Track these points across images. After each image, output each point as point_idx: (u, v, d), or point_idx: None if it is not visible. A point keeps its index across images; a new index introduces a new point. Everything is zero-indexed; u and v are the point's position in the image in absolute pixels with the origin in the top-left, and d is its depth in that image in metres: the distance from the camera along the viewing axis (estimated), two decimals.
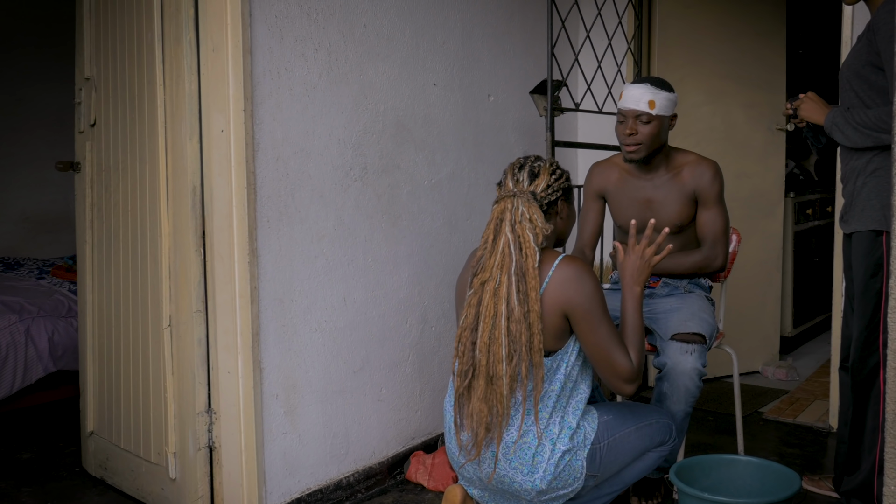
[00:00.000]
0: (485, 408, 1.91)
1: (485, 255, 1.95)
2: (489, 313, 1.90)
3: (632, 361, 1.98)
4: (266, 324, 2.36)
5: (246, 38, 2.24)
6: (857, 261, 2.27)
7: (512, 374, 1.89)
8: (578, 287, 1.92)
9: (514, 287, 1.88)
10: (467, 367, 1.94)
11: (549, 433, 1.97)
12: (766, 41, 4.01)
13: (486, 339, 1.90)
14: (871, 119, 2.14)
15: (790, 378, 4.02)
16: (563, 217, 2.06)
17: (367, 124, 2.66)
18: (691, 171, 2.55)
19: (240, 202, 2.27)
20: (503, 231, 1.92)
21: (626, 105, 2.50)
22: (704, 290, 2.68)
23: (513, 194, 1.95)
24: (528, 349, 1.88)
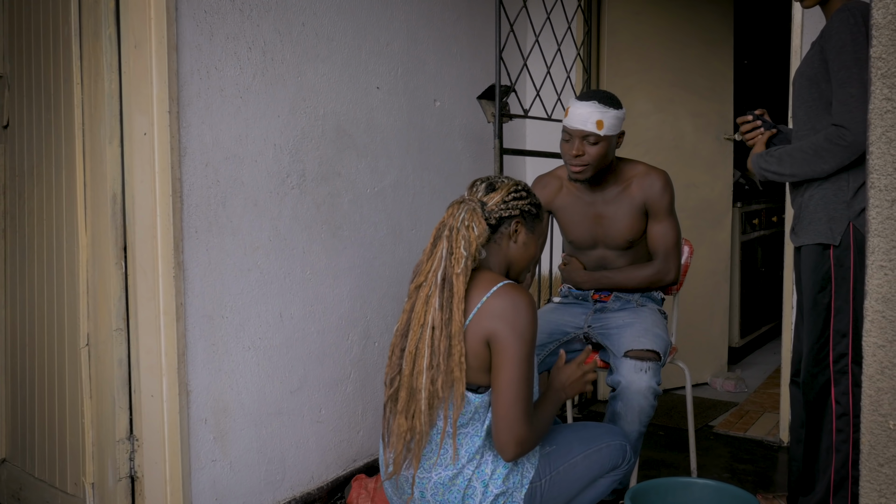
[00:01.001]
0: (404, 423, 1.76)
1: (423, 259, 1.83)
2: (419, 321, 1.77)
3: (532, 428, 1.76)
4: (193, 342, 2.19)
5: (171, 33, 2.07)
6: (806, 275, 2.21)
7: (431, 389, 1.73)
8: (510, 316, 1.73)
9: (439, 291, 1.75)
10: (394, 374, 1.81)
11: (480, 473, 1.78)
12: (713, 50, 3.99)
13: (412, 348, 1.76)
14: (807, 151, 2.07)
15: (738, 390, 3.99)
16: (517, 242, 1.88)
17: (305, 129, 2.50)
18: (640, 182, 2.46)
19: (164, 211, 2.10)
20: (442, 237, 1.80)
21: (573, 124, 2.36)
22: (657, 304, 2.59)
23: (461, 201, 1.84)
24: (445, 359, 1.72)
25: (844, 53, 1.99)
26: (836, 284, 2.11)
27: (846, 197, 2.09)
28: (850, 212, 2.08)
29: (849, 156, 1.99)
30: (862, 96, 1.94)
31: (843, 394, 2.13)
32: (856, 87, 1.95)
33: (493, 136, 2.87)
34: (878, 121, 1.24)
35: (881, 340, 1.26)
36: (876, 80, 1.24)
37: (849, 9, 2.03)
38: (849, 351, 2.11)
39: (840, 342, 2.12)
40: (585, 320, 2.53)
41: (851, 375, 2.12)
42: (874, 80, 1.24)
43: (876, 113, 1.24)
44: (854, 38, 1.98)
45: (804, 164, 2.08)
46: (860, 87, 1.95)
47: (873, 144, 1.25)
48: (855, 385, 2.12)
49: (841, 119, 1.97)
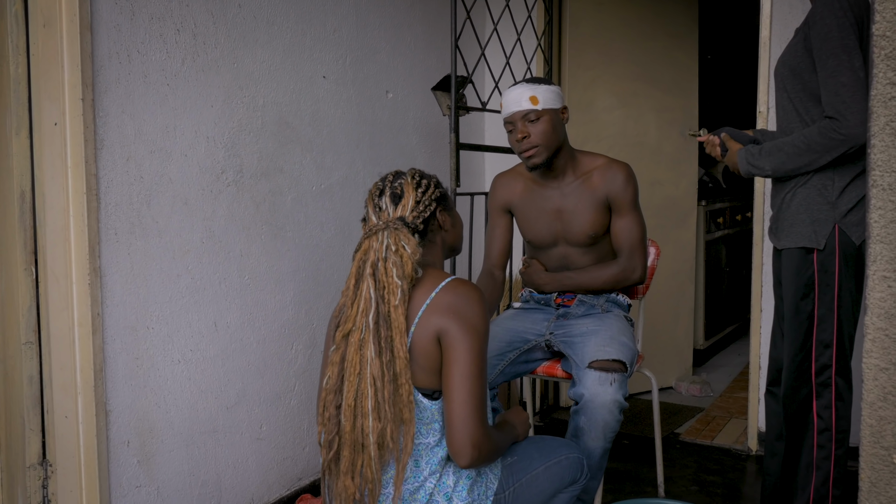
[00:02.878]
0: (350, 483, 1.59)
1: (346, 304, 1.63)
2: (354, 370, 1.59)
3: (488, 433, 1.60)
4: (113, 357, 1.96)
5: (85, 11, 1.84)
6: (788, 280, 2.06)
7: (380, 434, 1.56)
8: (460, 310, 1.59)
9: (374, 334, 1.57)
10: (332, 435, 1.61)
11: (442, 486, 1.64)
12: (678, 43, 3.85)
13: (350, 402, 1.58)
14: (799, 145, 1.94)
15: (704, 394, 3.86)
16: (447, 228, 1.74)
17: (242, 120, 2.29)
18: (602, 174, 2.30)
19: (78, 211, 1.87)
20: (364, 275, 1.61)
21: (509, 110, 2.26)
22: (623, 310, 2.43)
23: (377, 229, 1.63)
24: (392, 405, 1.56)
25: (831, 40, 1.85)
26: (819, 291, 1.97)
27: (831, 197, 1.95)
28: (836, 213, 1.94)
29: (844, 148, 1.86)
30: (854, 84, 1.80)
31: (826, 408, 1.99)
32: (846, 76, 1.82)
33: (449, 129, 2.68)
34: (882, 109, 1.08)
35: (884, 363, 1.10)
36: (879, 62, 1.08)
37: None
38: (832, 362, 1.97)
39: (823, 353, 1.98)
40: (547, 327, 2.36)
41: (835, 388, 1.98)
42: (877, 62, 1.08)
43: (879, 100, 1.08)
44: (840, 24, 1.84)
45: (796, 158, 1.94)
46: (851, 74, 1.81)
47: (875, 136, 1.09)
48: (838, 399, 1.99)
49: (834, 110, 1.83)
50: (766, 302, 3.07)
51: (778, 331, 2.24)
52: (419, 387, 1.59)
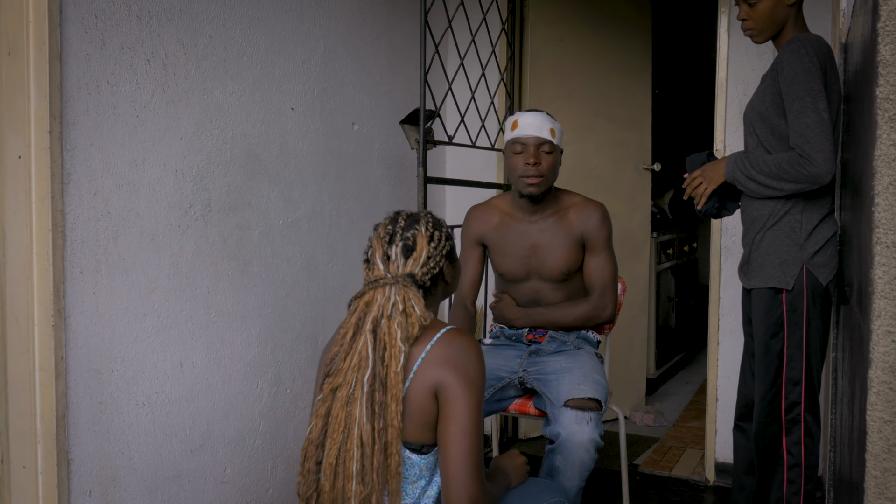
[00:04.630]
0: None
1: (339, 355, 1.55)
2: (338, 427, 1.51)
3: (485, 489, 1.53)
4: (76, 402, 1.87)
5: (54, 40, 1.77)
6: (757, 319, 2.11)
7: (364, 500, 1.49)
8: (459, 364, 1.52)
9: (367, 398, 1.49)
10: (311, 492, 1.54)
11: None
12: (633, 79, 3.93)
13: (331, 460, 1.51)
14: (771, 167, 1.99)
15: (658, 423, 3.91)
16: (448, 280, 1.68)
17: (211, 153, 2.23)
18: (578, 213, 2.32)
19: (42, 249, 1.78)
20: (363, 330, 1.53)
21: (528, 132, 2.26)
22: (593, 346, 2.45)
23: (384, 283, 1.55)
24: (381, 473, 1.49)
25: (797, 84, 1.92)
26: (788, 330, 2.01)
27: (799, 239, 2.01)
28: (804, 254, 2.00)
29: (807, 186, 1.92)
30: (817, 125, 1.88)
31: (795, 444, 2.03)
32: (811, 117, 1.89)
33: (417, 163, 2.66)
34: (885, 169, 1.11)
35: (888, 415, 1.12)
36: (883, 124, 1.11)
37: (799, 40, 1.96)
38: (801, 399, 2.02)
39: (792, 390, 2.02)
40: (520, 364, 2.35)
41: (804, 424, 2.02)
42: (881, 124, 1.11)
43: (883, 160, 1.11)
44: (805, 69, 1.91)
45: (766, 179, 2.00)
46: (815, 116, 1.88)
47: (879, 195, 1.12)
48: (807, 435, 2.03)
49: (801, 150, 1.90)
50: (721, 335, 3.14)
51: (747, 367, 2.28)
52: (408, 441, 1.53)
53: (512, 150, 2.28)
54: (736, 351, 3.06)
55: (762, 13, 2.07)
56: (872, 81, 1.14)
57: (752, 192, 2.05)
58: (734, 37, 3.05)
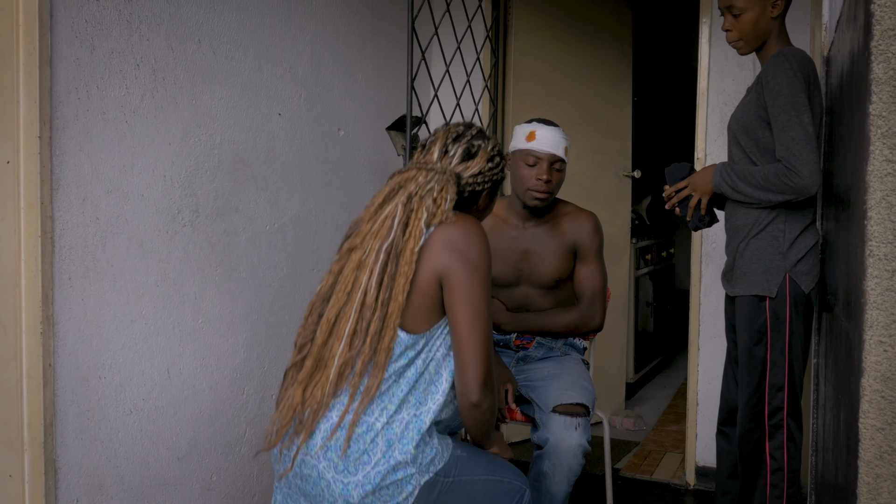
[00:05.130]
0: (299, 395, 1.54)
1: (363, 220, 1.59)
2: (345, 287, 1.55)
3: (493, 379, 1.58)
4: (64, 410, 1.85)
5: (44, 44, 1.75)
6: (741, 326, 2.15)
7: (345, 362, 1.52)
8: (463, 248, 1.54)
9: (381, 265, 1.52)
10: (305, 341, 1.59)
11: (388, 430, 1.54)
12: (614, 87, 3.98)
13: (331, 316, 1.54)
14: (758, 179, 2.03)
15: (637, 427, 3.95)
16: (481, 207, 1.72)
17: (199, 158, 2.22)
18: (571, 222, 2.35)
19: (31, 255, 1.76)
20: (395, 201, 1.56)
21: (545, 148, 2.26)
22: (580, 353, 2.47)
23: (432, 168, 1.59)
24: (374, 342, 1.51)
25: (781, 97, 1.96)
26: (771, 337, 2.05)
27: (782, 248, 2.05)
28: (786, 263, 2.04)
29: (795, 197, 1.97)
30: (803, 138, 1.92)
31: (778, 448, 2.07)
32: (796, 130, 1.93)
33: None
34: (878, 184, 1.14)
35: (880, 423, 1.15)
36: (875, 140, 1.14)
37: (783, 54, 2.00)
38: (784, 405, 2.06)
39: (775, 396, 2.06)
40: None
41: (787, 429, 2.06)
42: (873, 140, 1.14)
43: (875, 175, 1.14)
44: (790, 83, 1.96)
45: (752, 190, 2.04)
46: (800, 129, 1.93)
47: (872, 209, 1.15)
48: (790, 440, 2.07)
49: (787, 162, 1.94)
50: (702, 341, 3.19)
51: (730, 373, 2.32)
52: (402, 326, 1.55)
53: (524, 160, 2.27)
54: (716, 356, 3.11)
55: (747, 24, 2.11)
56: (865, 98, 1.17)
57: (739, 202, 2.09)
58: (715, 47, 3.10)
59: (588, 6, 3.85)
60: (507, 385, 2.23)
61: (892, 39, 1.13)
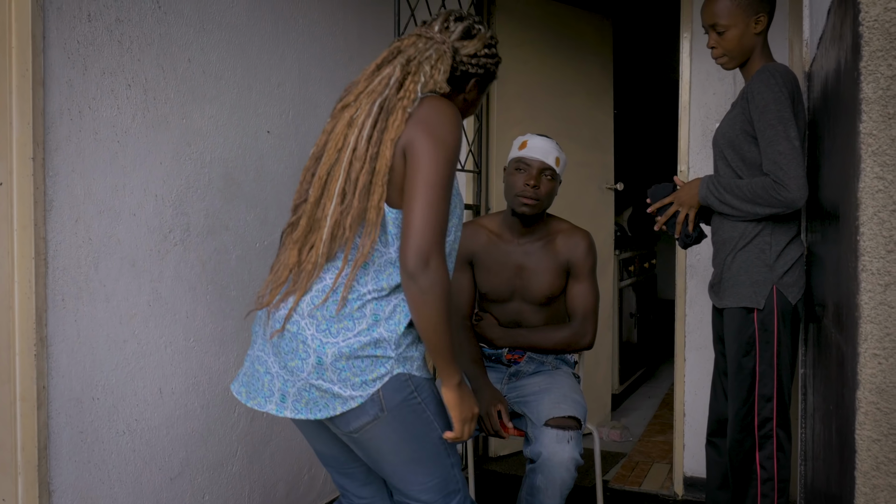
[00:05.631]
0: (294, 255, 1.54)
1: (359, 81, 1.59)
2: (336, 144, 1.53)
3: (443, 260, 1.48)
4: (58, 432, 1.83)
5: (38, 65, 1.75)
6: (730, 338, 2.18)
7: (338, 220, 1.50)
8: (431, 122, 1.50)
9: (372, 119, 1.51)
10: (300, 201, 1.59)
11: (378, 306, 1.52)
12: (596, 101, 4.03)
13: (322, 173, 1.53)
14: (745, 192, 2.06)
15: (624, 438, 3.98)
16: (467, 98, 1.68)
17: (190, 177, 2.22)
18: (565, 240, 2.37)
19: (25, 277, 1.75)
20: (395, 62, 1.55)
21: (533, 155, 2.31)
22: (570, 367, 2.49)
23: (433, 38, 1.59)
24: (363, 198, 1.49)
25: (768, 113, 1.99)
26: (760, 348, 2.09)
27: (769, 260, 2.08)
28: (773, 275, 2.08)
29: (783, 210, 2.00)
30: (790, 153, 1.95)
31: (768, 458, 2.10)
32: (783, 145, 1.96)
33: None
34: (870, 200, 1.17)
35: (876, 434, 1.18)
36: (866, 157, 1.17)
37: (768, 70, 2.04)
38: (773, 415, 2.09)
39: (765, 407, 2.09)
40: (501, 389, 2.38)
41: (776, 439, 2.09)
42: (864, 157, 1.17)
43: (866, 192, 1.18)
44: (776, 98, 1.99)
45: (739, 203, 2.07)
46: (787, 143, 1.96)
47: (864, 225, 1.18)
48: (779, 450, 2.10)
49: (774, 176, 1.97)
50: (688, 352, 3.22)
51: (718, 384, 2.35)
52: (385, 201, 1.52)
53: (515, 167, 2.33)
54: (702, 367, 3.14)
55: (731, 41, 2.16)
56: (855, 117, 1.20)
57: (726, 215, 2.12)
58: (696, 61, 3.15)
59: (569, 21, 3.90)
60: (499, 406, 2.25)
61: (880, 60, 1.17)
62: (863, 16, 1.18)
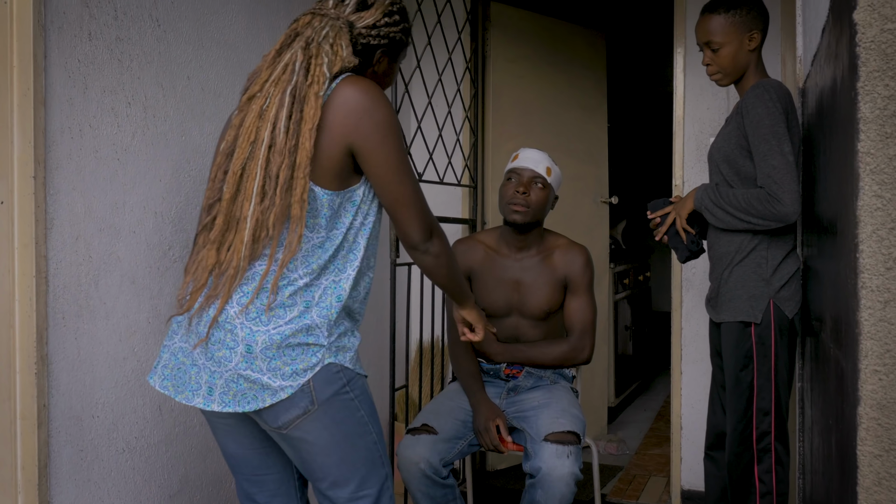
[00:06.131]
0: (213, 255, 1.47)
1: (262, 70, 1.52)
2: (248, 138, 1.47)
3: (440, 228, 1.58)
4: (58, 451, 1.83)
5: (39, 85, 1.75)
6: (727, 352, 2.19)
7: (259, 220, 1.44)
8: (367, 110, 1.46)
9: (286, 111, 1.44)
10: (213, 199, 1.51)
11: (308, 292, 1.49)
12: (590, 115, 4.05)
13: (236, 168, 1.46)
14: (741, 202, 2.08)
15: (621, 452, 3.98)
16: (377, 71, 1.62)
17: (189, 194, 2.22)
18: (563, 255, 2.39)
19: (25, 295, 1.75)
20: (294, 46, 1.49)
21: (525, 164, 2.36)
22: (568, 381, 2.50)
23: (327, 14, 1.53)
24: (284, 193, 1.43)
25: (762, 128, 2.02)
26: (757, 362, 2.10)
27: (766, 274, 2.10)
28: (770, 289, 2.09)
29: (776, 224, 2.02)
30: (784, 167, 1.97)
31: (767, 472, 2.11)
32: (777, 160, 1.99)
33: None
34: (868, 218, 1.19)
35: (877, 450, 1.19)
36: (865, 176, 1.19)
37: (763, 86, 2.07)
38: (771, 429, 2.10)
39: (763, 420, 2.10)
40: (500, 404, 2.39)
41: (774, 453, 2.10)
42: (863, 176, 1.19)
43: (865, 210, 1.19)
44: (770, 113, 2.02)
45: (734, 212, 2.08)
46: (781, 158, 1.98)
47: (863, 243, 1.20)
48: (777, 463, 2.11)
49: (769, 190, 1.99)
50: (685, 365, 3.23)
51: (716, 398, 2.36)
52: (315, 182, 1.48)
53: (507, 177, 2.39)
54: (698, 380, 3.15)
55: (725, 58, 2.18)
56: (852, 136, 1.22)
57: (720, 220, 2.13)
58: (690, 76, 3.18)
59: (563, 36, 3.93)
60: (497, 421, 2.25)
61: (877, 80, 1.19)
62: (860, 36, 1.20)
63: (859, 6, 1.19)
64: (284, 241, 1.46)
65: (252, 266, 1.48)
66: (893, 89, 1.17)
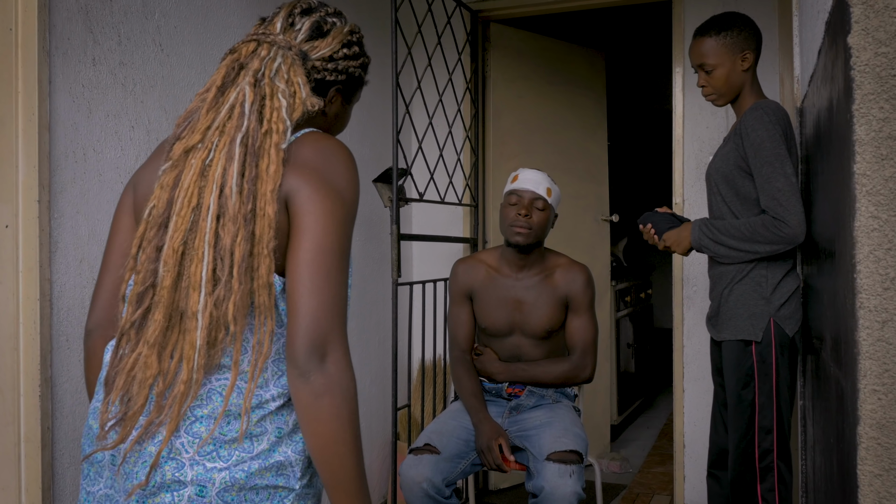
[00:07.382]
0: (154, 360, 1.07)
1: (200, 111, 1.17)
2: (189, 202, 1.09)
3: (345, 347, 1.09)
4: (62, 473, 1.83)
5: (44, 110, 1.77)
6: (729, 371, 2.20)
7: (214, 315, 1.06)
8: (320, 167, 1.13)
9: (237, 167, 1.10)
10: (144, 286, 1.10)
11: (279, 417, 1.13)
12: (590, 134, 4.08)
13: (176, 244, 1.08)
14: (744, 232, 2.09)
15: (624, 470, 3.97)
16: (330, 114, 1.30)
17: None
18: (564, 274, 2.40)
19: (29, 318, 1.76)
20: (239, 84, 1.15)
21: (525, 186, 2.38)
22: (571, 400, 2.50)
23: (276, 42, 1.20)
24: (245, 275, 1.07)
25: (763, 150, 2.03)
26: (758, 380, 2.10)
27: (766, 293, 2.11)
28: (770, 308, 2.10)
29: (784, 247, 2.02)
30: (788, 189, 1.98)
31: (770, 490, 2.11)
32: (781, 182, 1.99)
33: (391, 220, 2.71)
34: (865, 239, 1.20)
35: (878, 469, 1.20)
36: (861, 197, 1.20)
37: (761, 107, 2.08)
38: (773, 447, 2.10)
39: (765, 439, 2.10)
40: (502, 423, 2.39)
41: (777, 471, 2.10)
42: (859, 197, 1.20)
43: (862, 231, 1.20)
44: (770, 135, 2.03)
45: (739, 243, 2.08)
46: (784, 180, 1.99)
47: (860, 263, 1.21)
48: (780, 482, 2.11)
49: (774, 213, 2.00)
50: (686, 383, 3.23)
51: (718, 416, 2.36)
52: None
53: (508, 200, 2.40)
54: (700, 398, 3.15)
55: (719, 79, 2.20)
56: (849, 157, 1.24)
57: (723, 256, 2.13)
58: (689, 95, 3.20)
59: (563, 55, 3.96)
60: (500, 440, 2.26)
61: (872, 103, 1.20)
62: (854, 60, 1.22)
63: (853, 30, 1.21)
64: (251, 343, 1.10)
65: (208, 381, 1.10)
66: (888, 112, 1.19)
